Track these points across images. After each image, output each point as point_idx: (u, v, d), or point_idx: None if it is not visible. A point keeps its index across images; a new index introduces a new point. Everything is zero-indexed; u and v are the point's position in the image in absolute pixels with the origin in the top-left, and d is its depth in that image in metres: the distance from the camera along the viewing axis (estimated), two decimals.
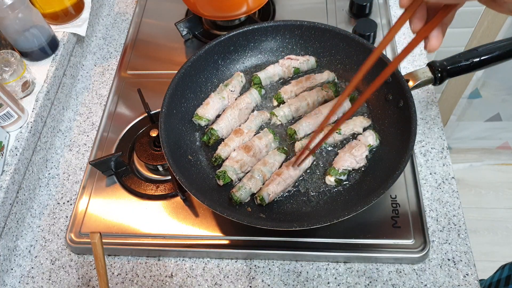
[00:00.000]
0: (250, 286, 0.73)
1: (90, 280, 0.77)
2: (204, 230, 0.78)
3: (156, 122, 0.90)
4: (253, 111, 0.87)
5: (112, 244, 0.77)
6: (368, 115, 0.84)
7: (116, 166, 0.85)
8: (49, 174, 0.90)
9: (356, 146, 0.77)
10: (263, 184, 0.76)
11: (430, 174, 0.82)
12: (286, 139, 0.83)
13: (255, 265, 0.76)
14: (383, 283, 0.72)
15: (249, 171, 0.78)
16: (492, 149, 1.97)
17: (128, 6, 1.18)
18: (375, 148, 0.79)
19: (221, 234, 0.77)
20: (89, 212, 0.81)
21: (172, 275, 0.76)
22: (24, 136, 0.83)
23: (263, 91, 0.88)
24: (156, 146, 0.84)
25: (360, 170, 0.78)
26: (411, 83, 0.78)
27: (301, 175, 0.78)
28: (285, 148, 0.81)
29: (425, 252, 0.72)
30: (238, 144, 0.81)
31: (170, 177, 0.84)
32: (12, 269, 0.79)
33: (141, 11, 1.15)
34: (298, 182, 0.78)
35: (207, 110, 0.84)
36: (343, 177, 0.76)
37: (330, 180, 0.76)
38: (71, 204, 0.85)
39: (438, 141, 0.86)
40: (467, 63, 0.77)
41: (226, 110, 0.85)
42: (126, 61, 1.05)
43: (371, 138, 0.79)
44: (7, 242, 0.78)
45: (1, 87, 0.78)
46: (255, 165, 0.78)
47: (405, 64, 0.98)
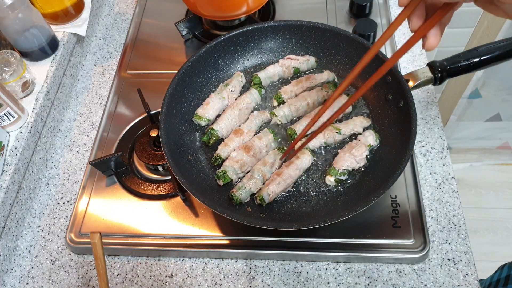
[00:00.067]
0: (250, 286, 0.73)
1: (90, 280, 0.77)
2: (204, 230, 0.78)
3: (156, 122, 0.90)
4: (253, 111, 0.87)
5: (112, 244, 0.77)
6: (368, 115, 0.84)
7: (116, 166, 0.85)
8: (49, 174, 0.90)
9: (356, 146, 0.77)
10: (263, 184, 0.76)
11: (430, 174, 0.82)
12: (286, 139, 0.83)
13: (255, 265, 0.76)
14: (383, 283, 0.72)
15: (249, 171, 0.78)
16: (492, 149, 1.97)
17: (128, 6, 1.18)
18: (375, 148, 0.80)
19: (221, 234, 0.77)
20: (89, 212, 0.81)
21: (172, 275, 0.76)
22: (24, 136, 0.83)
23: (263, 91, 0.88)
24: (156, 146, 0.84)
25: (360, 170, 0.78)
26: (411, 83, 0.78)
27: (301, 175, 0.78)
28: (285, 148, 0.81)
29: (425, 252, 0.72)
30: (238, 144, 0.80)
31: (170, 177, 0.84)
32: (12, 269, 0.79)
33: (141, 11, 1.15)
34: (298, 182, 0.78)
35: (207, 110, 0.84)
36: (343, 177, 0.76)
37: (330, 180, 0.76)
38: (71, 204, 0.85)
39: (438, 141, 0.86)
40: (467, 63, 0.77)
41: (226, 110, 0.85)
42: (126, 61, 1.05)
43: (371, 138, 0.79)
44: (7, 242, 0.78)
45: (1, 87, 0.78)
46: (255, 165, 0.78)
47: (405, 64, 0.98)
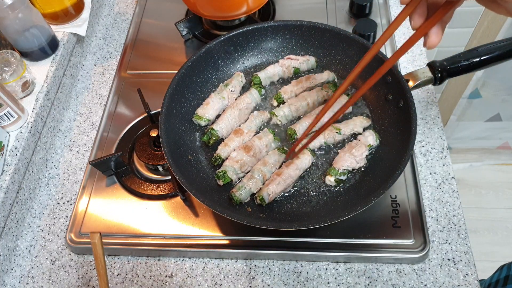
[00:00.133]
0: (250, 286, 0.73)
1: (90, 280, 0.77)
2: (204, 230, 0.78)
3: (156, 122, 0.90)
4: (253, 111, 0.87)
5: (112, 244, 0.77)
6: (368, 115, 0.84)
7: (116, 166, 0.85)
8: (49, 174, 0.90)
9: (356, 146, 0.77)
10: (263, 184, 0.76)
11: (430, 174, 0.82)
12: (286, 139, 0.83)
13: (255, 265, 0.76)
14: (383, 283, 0.72)
15: (249, 171, 0.78)
16: (492, 149, 1.97)
17: (128, 6, 1.18)
18: (375, 148, 0.80)
19: (221, 234, 0.77)
20: (89, 212, 0.81)
21: (172, 275, 0.76)
22: (24, 136, 0.83)
23: (263, 91, 0.88)
24: (156, 146, 0.84)
25: (360, 170, 0.78)
26: (411, 83, 0.78)
27: (301, 175, 0.78)
28: (285, 148, 0.81)
29: (425, 252, 0.72)
30: (238, 144, 0.80)
31: (170, 177, 0.84)
32: (12, 269, 0.79)
33: (141, 11, 1.15)
34: (298, 182, 0.78)
35: (207, 110, 0.84)
36: (343, 177, 0.76)
37: (330, 180, 0.76)
38: (71, 204, 0.85)
39: (438, 141, 0.86)
40: (467, 63, 0.77)
41: (226, 110, 0.85)
42: (126, 61, 1.05)
43: (371, 138, 0.78)
44: (7, 242, 0.78)
45: (1, 87, 0.78)
46: (255, 165, 0.78)
47: (405, 64, 0.98)
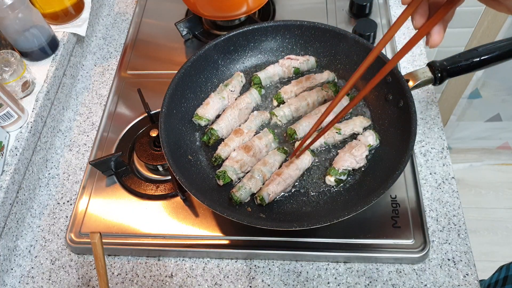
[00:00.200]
0: (250, 286, 0.73)
1: (90, 280, 0.77)
2: (204, 230, 0.78)
3: (156, 122, 0.90)
4: (253, 111, 0.87)
5: (112, 244, 0.77)
6: (368, 115, 0.84)
7: (116, 166, 0.85)
8: (49, 174, 0.90)
9: (356, 146, 0.77)
10: (263, 184, 0.76)
11: (430, 174, 0.82)
12: (286, 139, 0.83)
13: (255, 265, 0.76)
14: (383, 283, 0.72)
15: (249, 171, 0.78)
16: (492, 149, 1.97)
17: (128, 6, 1.18)
18: (375, 148, 0.80)
19: (221, 234, 0.77)
20: (89, 212, 0.81)
21: (172, 275, 0.76)
22: (24, 136, 0.83)
23: (263, 91, 0.88)
24: (156, 146, 0.84)
25: (360, 170, 0.78)
26: (411, 83, 0.78)
27: (301, 175, 0.78)
28: (285, 148, 0.81)
29: (425, 252, 0.72)
30: (238, 144, 0.80)
31: (170, 177, 0.84)
32: (12, 269, 0.79)
33: (141, 11, 1.15)
34: (298, 182, 0.78)
35: (207, 110, 0.84)
36: (343, 177, 0.76)
37: (330, 180, 0.76)
38: (71, 204, 0.85)
39: (438, 141, 0.86)
40: (467, 63, 0.77)
41: (226, 110, 0.85)
42: (126, 61, 1.05)
43: (371, 138, 0.78)
44: (7, 242, 0.78)
45: (1, 87, 0.78)
46: (255, 165, 0.78)
47: (405, 64, 0.98)
